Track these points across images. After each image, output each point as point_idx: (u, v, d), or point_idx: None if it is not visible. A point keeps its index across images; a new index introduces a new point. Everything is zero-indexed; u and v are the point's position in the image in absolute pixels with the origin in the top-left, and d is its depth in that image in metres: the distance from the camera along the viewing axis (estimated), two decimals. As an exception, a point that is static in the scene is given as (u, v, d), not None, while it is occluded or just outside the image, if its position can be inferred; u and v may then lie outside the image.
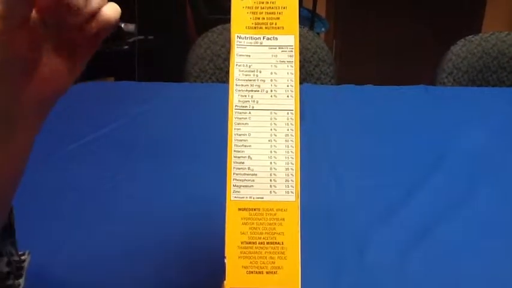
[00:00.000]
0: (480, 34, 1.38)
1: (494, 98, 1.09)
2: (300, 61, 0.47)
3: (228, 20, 0.48)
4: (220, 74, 1.37)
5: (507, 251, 0.64)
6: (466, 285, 0.58)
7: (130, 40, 2.14)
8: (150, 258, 0.61)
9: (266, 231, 0.44)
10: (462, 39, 1.35)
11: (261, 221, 0.44)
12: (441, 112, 1.00)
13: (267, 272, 0.44)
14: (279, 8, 0.48)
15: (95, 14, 0.39)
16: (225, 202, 0.44)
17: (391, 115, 0.99)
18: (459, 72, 1.34)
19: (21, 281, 0.49)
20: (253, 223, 0.44)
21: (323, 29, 2.38)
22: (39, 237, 0.49)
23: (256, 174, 0.45)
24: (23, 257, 0.50)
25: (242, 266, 0.44)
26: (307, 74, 1.36)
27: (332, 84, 1.36)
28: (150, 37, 2.18)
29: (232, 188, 0.45)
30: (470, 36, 1.36)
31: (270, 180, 0.45)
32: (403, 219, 0.69)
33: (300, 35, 0.48)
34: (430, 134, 0.92)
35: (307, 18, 2.28)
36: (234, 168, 0.45)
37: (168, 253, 0.61)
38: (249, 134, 0.45)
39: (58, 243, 0.62)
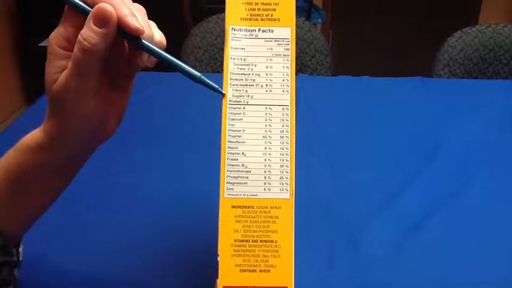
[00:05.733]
0: (477, 26, 1.37)
1: (490, 90, 1.08)
2: (296, 52, 0.46)
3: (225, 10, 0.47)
4: (216, 64, 1.36)
5: (502, 241, 0.64)
6: (461, 276, 0.58)
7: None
8: (143, 253, 0.60)
9: (260, 229, 0.44)
10: (459, 31, 1.35)
11: (254, 218, 0.44)
12: (437, 104, 0.99)
13: (260, 271, 0.43)
14: None
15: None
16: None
17: (387, 106, 0.98)
18: (455, 64, 1.33)
19: (15, 271, 0.48)
20: (246, 221, 0.44)
21: (320, 20, 2.37)
22: (33, 227, 0.48)
23: (250, 171, 0.44)
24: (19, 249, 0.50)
25: (235, 264, 0.43)
26: (304, 65, 1.35)
27: (328, 75, 1.35)
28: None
29: (226, 185, 0.44)
30: (467, 28, 1.35)
31: (264, 177, 0.44)
32: (398, 210, 0.68)
33: (296, 26, 0.47)
34: (426, 125, 0.91)
35: (304, 9, 2.26)
36: (227, 165, 0.44)
37: (161, 249, 0.60)
38: (243, 130, 0.44)
39: (52, 234, 0.62)
